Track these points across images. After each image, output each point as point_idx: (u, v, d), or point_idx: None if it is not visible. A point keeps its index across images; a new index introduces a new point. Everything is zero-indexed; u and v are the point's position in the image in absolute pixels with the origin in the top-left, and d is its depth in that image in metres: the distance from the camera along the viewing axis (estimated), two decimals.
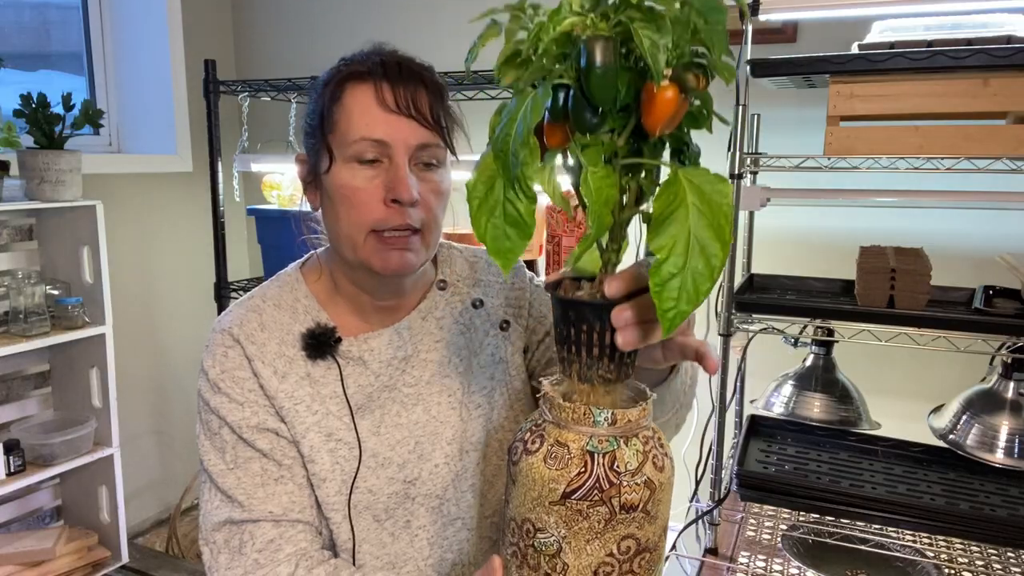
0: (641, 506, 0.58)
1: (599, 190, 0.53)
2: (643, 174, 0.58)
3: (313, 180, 0.85)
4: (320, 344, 0.84)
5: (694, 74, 0.53)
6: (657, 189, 0.52)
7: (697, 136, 0.60)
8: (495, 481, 0.90)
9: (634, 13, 0.51)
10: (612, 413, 0.59)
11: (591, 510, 0.57)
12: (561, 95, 0.54)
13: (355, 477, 0.84)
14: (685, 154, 0.59)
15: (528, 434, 0.62)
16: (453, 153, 0.84)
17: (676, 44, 0.52)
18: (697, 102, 0.56)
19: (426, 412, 0.88)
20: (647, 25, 0.50)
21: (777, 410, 1.44)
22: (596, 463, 0.58)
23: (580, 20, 0.52)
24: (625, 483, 0.58)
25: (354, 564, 0.84)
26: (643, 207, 0.58)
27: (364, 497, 0.84)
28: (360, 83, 0.80)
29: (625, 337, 0.56)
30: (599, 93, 0.51)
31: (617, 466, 0.58)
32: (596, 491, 0.57)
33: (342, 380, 0.85)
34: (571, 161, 0.57)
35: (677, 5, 0.51)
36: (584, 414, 0.59)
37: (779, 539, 1.31)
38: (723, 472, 1.36)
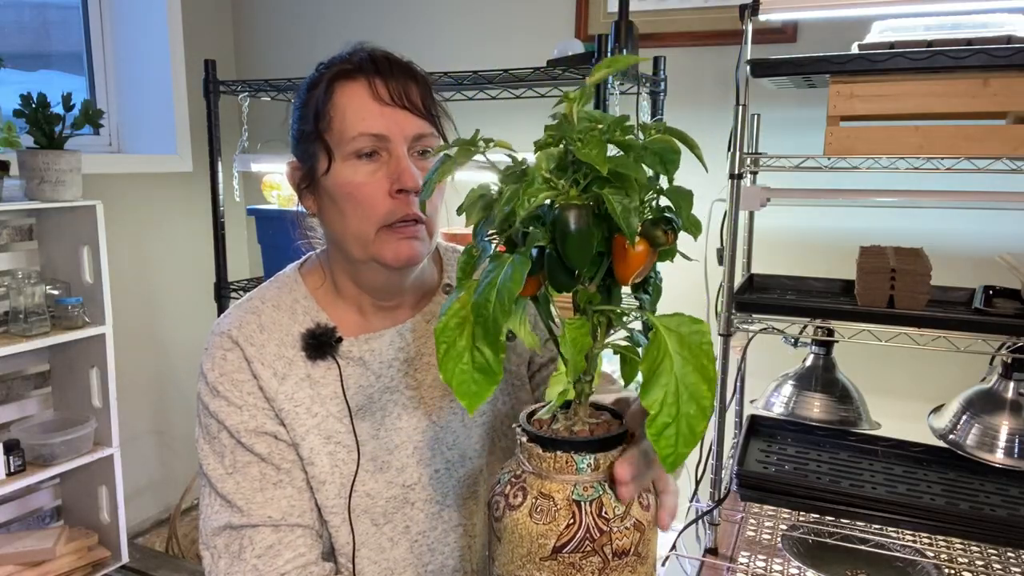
0: (632, 549, 0.58)
1: (575, 340, 0.56)
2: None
3: (309, 185, 0.85)
4: (320, 344, 0.84)
5: (663, 230, 0.57)
6: (635, 340, 0.59)
7: (696, 135, 0.60)
8: None
9: (602, 183, 0.55)
10: (594, 458, 0.58)
11: (584, 561, 0.56)
12: (535, 251, 0.57)
13: (354, 480, 0.83)
14: (651, 283, 0.63)
15: (509, 487, 0.60)
16: (445, 141, 0.85)
17: (644, 202, 0.56)
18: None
19: (427, 416, 0.88)
20: (617, 191, 0.54)
21: (777, 410, 1.44)
22: (584, 512, 0.57)
23: (554, 193, 0.56)
24: (615, 529, 0.57)
25: (354, 570, 0.84)
26: (611, 339, 0.62)
27: (362, 501, 0.84)
28: (351, 81, 0.80)
29: (625, 491, 0.58)
30: (575, 255, 0.55)
31: (605, 512, 0.57)
32: (587, 541, 0.56)
33: (342, 381, 0.85)
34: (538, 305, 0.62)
35: (644, 170, 0.55)
36: (567, 462, 0.58)
37: (779, 539, 1.31)
38: (723, 472, 1.36)
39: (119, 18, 2.49)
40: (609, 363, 1.88)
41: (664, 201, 0.59)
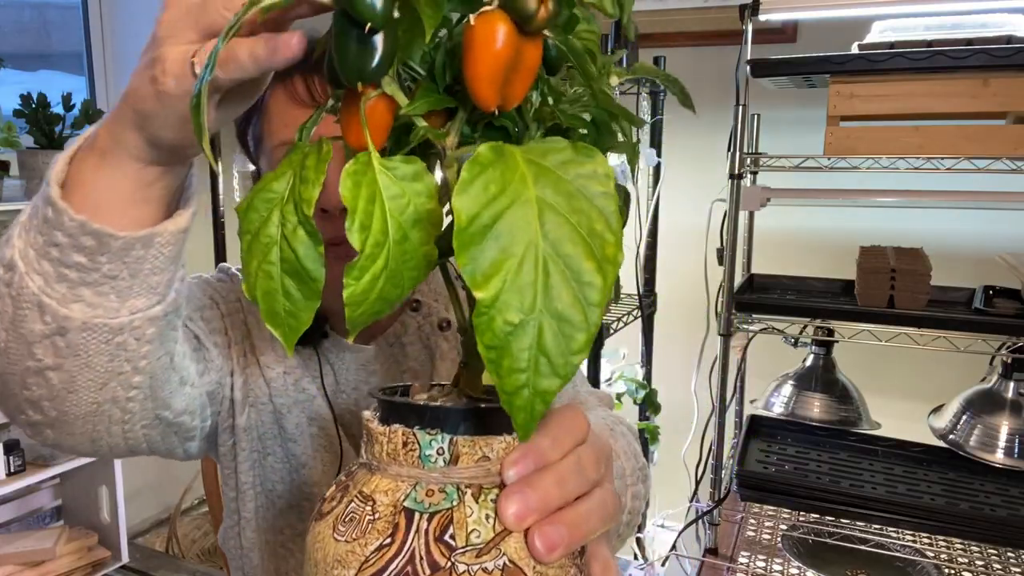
0: None
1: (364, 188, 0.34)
2: None
3: None
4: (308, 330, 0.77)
5: None
6: (462, 171, 0.31)
7: (696, 135, 0.59)
8: None
9: None
10: (450, 441, 0.36)
11: None
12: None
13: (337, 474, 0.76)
14: (535, 111, 0.38)
15: (335, 487, 0.40)
16: None
17: None
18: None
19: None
20: None
21: (777, 410, 1.44)
22: (415, 529, 0.35)
23: None
24: (463, 566, 0.34)
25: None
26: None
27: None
28: (277, 83, 0.73)
29: (512, 509, 0.35)
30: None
31: (452, 536, 0.35)
32: None
33: (321, 377, 0.77)
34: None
35: None
36: (405, 444, 0.37)
37: (779, 539, 1.31)
38: (723, 472, 1.36)
39: (119, 18, 2.49)
40: (609, 362, 1.88)
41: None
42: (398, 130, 0.36)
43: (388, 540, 0.35)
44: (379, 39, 0.32)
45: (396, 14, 0.33)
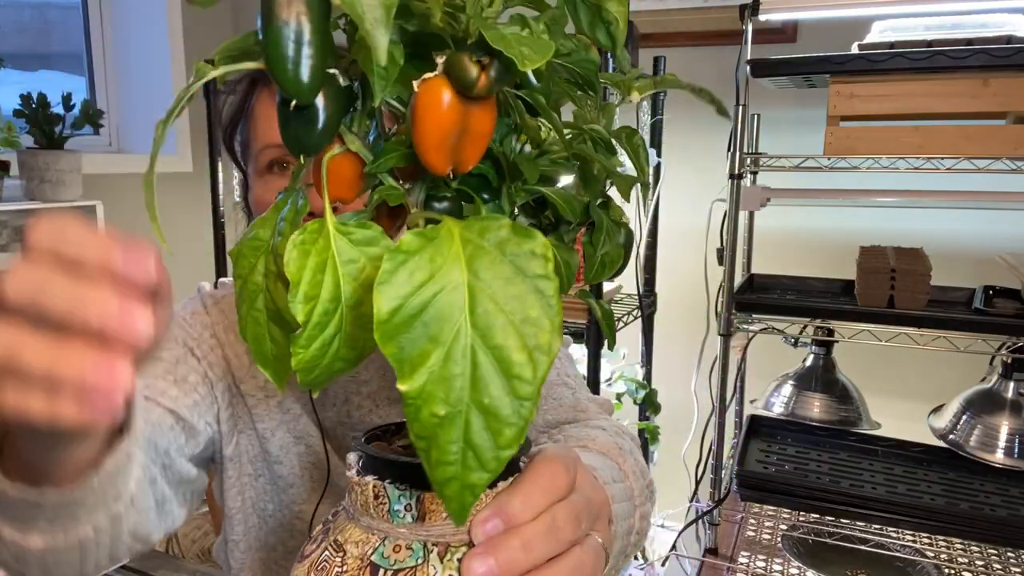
0: None
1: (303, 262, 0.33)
2: None
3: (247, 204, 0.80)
4: None
5: (476, 61, 0.30)
6: (383, 261, 0.29)
7: (696, 135, 0.58)
8: None
9: None
10: (419, 498, 0.35)
11: None
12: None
13: (323, 494, 0.75)
14: (480, 177, 0.36)
15: (321, 525, 0.41)
16: None
17: None
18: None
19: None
20: None
21: (777, 410, 1.44)
22: None
23: None
24: None
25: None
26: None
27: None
28: (263, 87, 0.72)
29: (478, 569, 0.34)
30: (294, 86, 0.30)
31: None
32: None
33: (309, 392, 0.74)
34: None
35: None
36: (376, 496, 0.36)
37: (779, 539, 1.31)
38: (723, 472, 1.36)
39: (119, 18, 2.49)
40: (609, 362, 1.88)
41: None
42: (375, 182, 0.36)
43: None
44: (319, 111, 0.31)
45: (343, 81, 0.32)
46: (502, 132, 0.36)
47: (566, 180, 0.38)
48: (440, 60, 0.31)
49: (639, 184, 0.41)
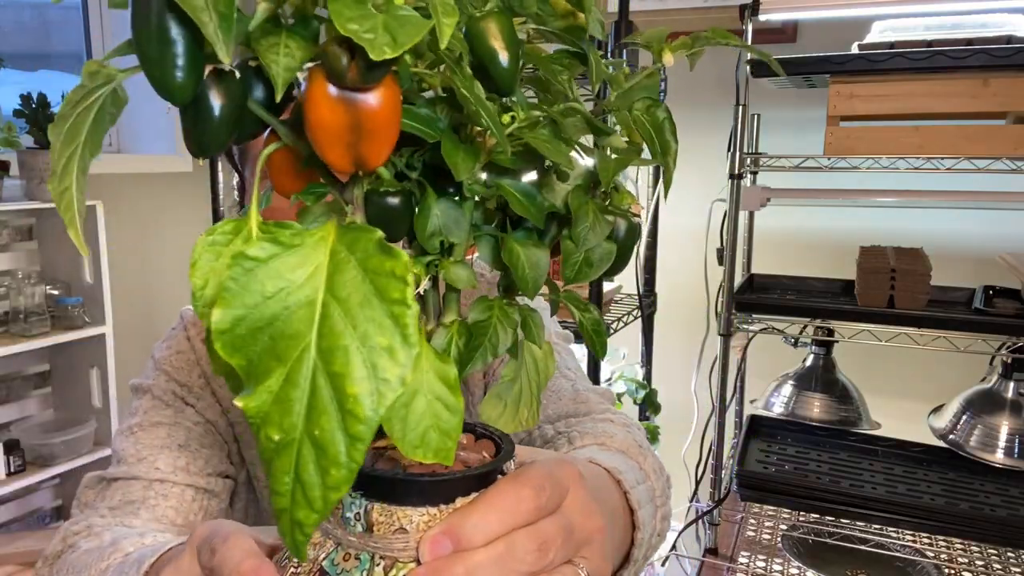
0: None
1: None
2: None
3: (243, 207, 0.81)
4: None
5: (345, 50, 0.27)
6: (229, 269, 0.27)
7: (696, 135, 0.59)
8: None
9: None
10: (367, 508, 0.33)
11: None
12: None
13: None
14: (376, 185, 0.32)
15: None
16: None
17: None
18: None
19: None
20: None
21: (777, 410, 1.44)
22: None
23: None
24: None
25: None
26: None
27: None
28: None
29: None
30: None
31: None
32: None
33: None
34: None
35: None
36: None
37: (779, 539, 1.31)
38: (723, 472, 1.36)
39: (119, 18, 2.49)
40: (609, 362, 1.88)
41: None
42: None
43: None
44: (210, 109, 0.29)
45: (238, 75, 0.29)
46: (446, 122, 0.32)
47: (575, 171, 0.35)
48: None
49: (654, 168, 0.36)
